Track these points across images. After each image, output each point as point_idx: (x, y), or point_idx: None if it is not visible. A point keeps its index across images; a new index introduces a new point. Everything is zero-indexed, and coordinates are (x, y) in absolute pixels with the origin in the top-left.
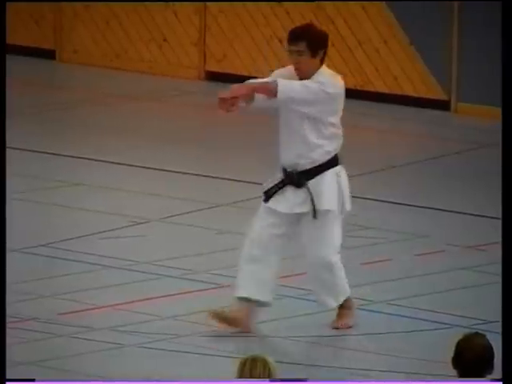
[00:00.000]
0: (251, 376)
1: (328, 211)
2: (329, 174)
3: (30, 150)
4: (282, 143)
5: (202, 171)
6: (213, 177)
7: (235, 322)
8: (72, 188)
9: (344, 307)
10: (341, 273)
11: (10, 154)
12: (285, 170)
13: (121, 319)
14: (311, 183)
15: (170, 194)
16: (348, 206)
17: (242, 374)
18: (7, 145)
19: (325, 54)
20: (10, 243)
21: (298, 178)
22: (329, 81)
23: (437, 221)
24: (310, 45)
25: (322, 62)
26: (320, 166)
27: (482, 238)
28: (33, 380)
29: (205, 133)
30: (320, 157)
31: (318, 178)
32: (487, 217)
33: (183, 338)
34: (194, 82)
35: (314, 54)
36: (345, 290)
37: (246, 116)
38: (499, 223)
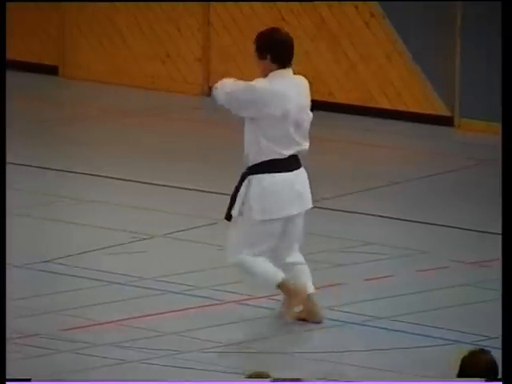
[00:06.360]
0: None
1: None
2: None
3: (32, 166)
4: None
5: (205, 187)
6: (216, 192)
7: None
8: (75, 203)
9: (285, 295)
10: (253, 268)
11: (12, 170)
12: None
13: (123, 335)
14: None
15: (173, 209)
16: (255, 215)
17: None
18: (10, 161)
19: (276, 57)
20: (13, 259)
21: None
22: (259, 85)
23: (440, 237)
24: (257, 47)
25: (279, 66)
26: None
27: (486, 254)
28: (28, 380)
29: (208, 149)
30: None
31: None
32: (491, 233)
33: (186, 354)
34: (198, 98)
35: (260, 56)
36: (266, 281)
37: None
38: None
